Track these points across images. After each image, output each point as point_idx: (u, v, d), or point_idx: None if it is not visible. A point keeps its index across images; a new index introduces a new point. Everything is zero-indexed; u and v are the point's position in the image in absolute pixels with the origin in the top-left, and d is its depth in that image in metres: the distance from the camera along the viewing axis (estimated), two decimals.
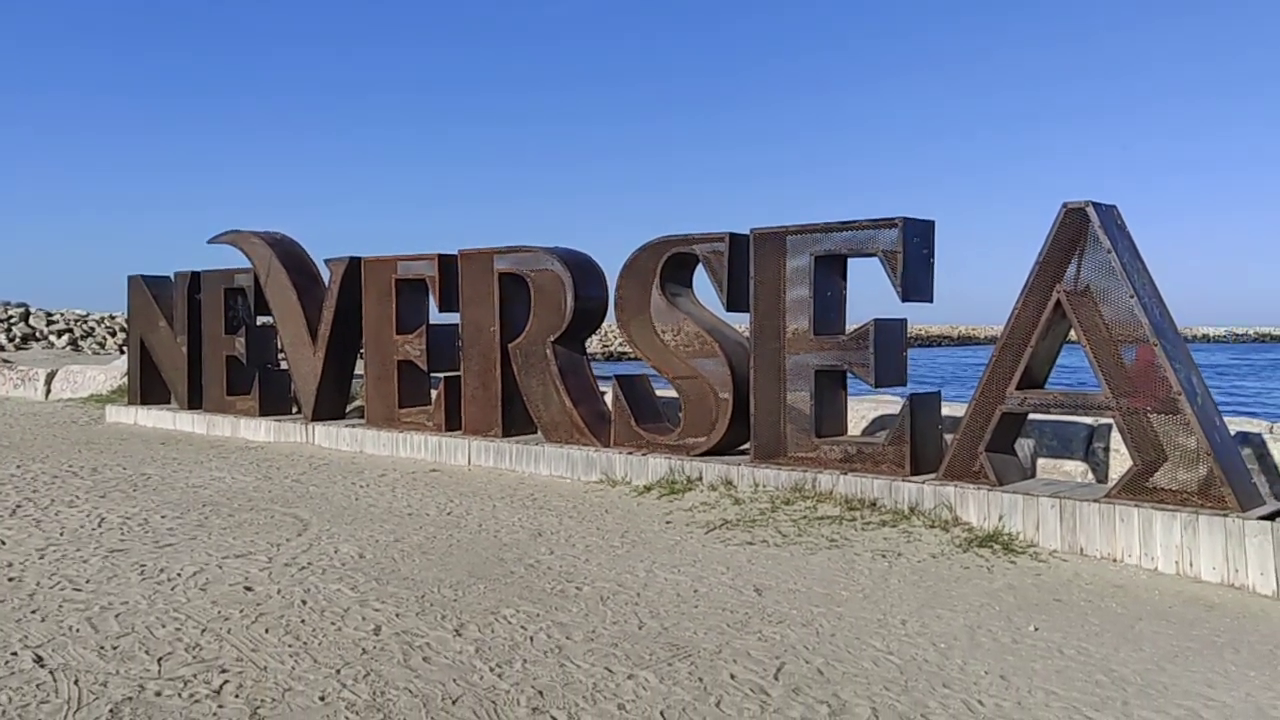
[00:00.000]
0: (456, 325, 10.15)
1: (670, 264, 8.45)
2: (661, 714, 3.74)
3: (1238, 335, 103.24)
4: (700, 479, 8.02)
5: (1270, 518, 5.61)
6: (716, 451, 8.22)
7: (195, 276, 12.81)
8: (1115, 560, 5.97)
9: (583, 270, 9.23)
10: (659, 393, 9.27)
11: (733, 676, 4.11)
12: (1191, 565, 5.71)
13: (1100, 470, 7.43)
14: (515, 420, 9.68)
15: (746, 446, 8.07)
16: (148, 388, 13.85)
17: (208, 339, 12.70)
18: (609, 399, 9.10)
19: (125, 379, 15.25)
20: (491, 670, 4.16)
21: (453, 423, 10.14)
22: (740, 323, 8.36)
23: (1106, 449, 7.45)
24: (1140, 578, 5.70)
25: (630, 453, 8.60)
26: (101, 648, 4.38)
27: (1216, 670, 4.30)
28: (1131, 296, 6.09)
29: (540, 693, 3.92)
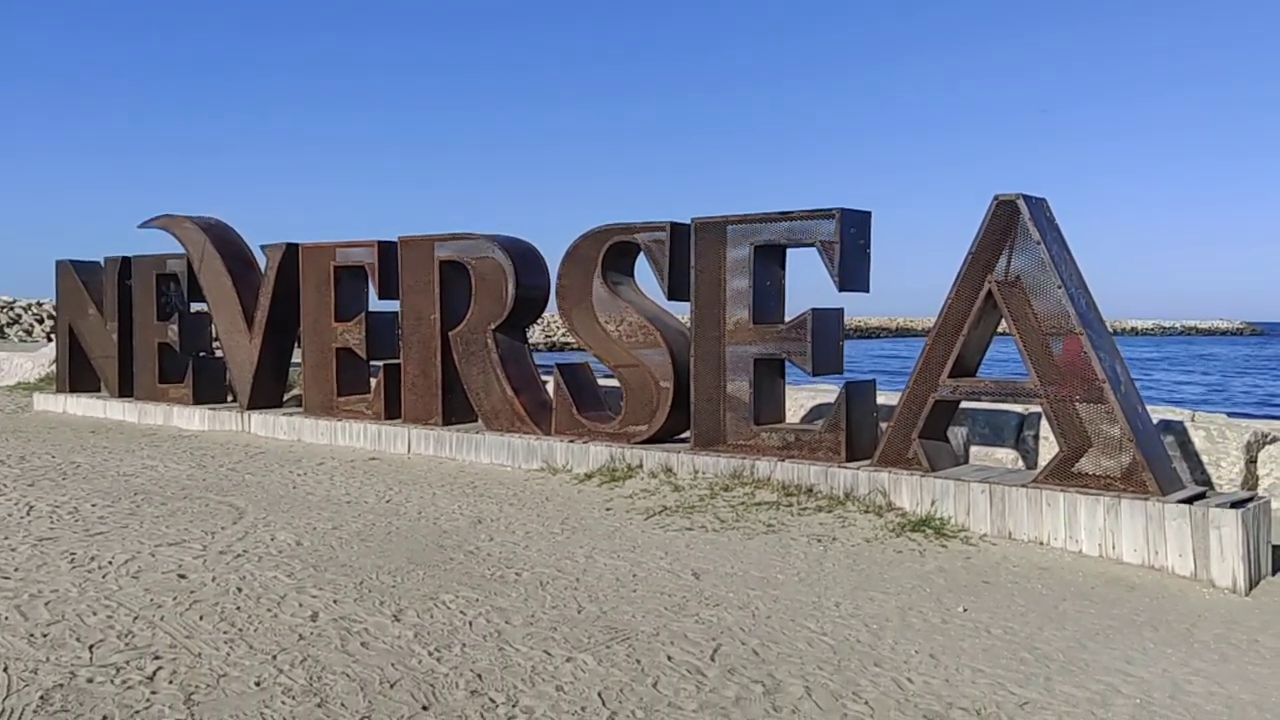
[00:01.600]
0: (396, 313, 10.08)
1: (612, 253, 8.48)
2: (599, 695, 3.78)
3: (1164, 328, 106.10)
4: (641, 466, 8.08)
5: (1189, 501, 5.81)
6: (657, 439, 8.28)
7: (126, 262, 12.54)
8: (1042, 543, 6.14)
9: (524, 258, 9.22)
10: (600, 381, 9.30)
11: (670, 658, 4.17)
12: (1114, 547, 5.90)
13: (1030, 457, 7.63)
14: (456, 408, 9.64)
15: (687, 434, 8.14)
16: (77, 375, 13.54)
17: (139, 326, 12.45)
18: (550, 387, 9.12)
19: (54, 366, 14.88)
20: (430, 654, 4.17)
21: (392, 411, 10.07)
22: (681, 311, 8.42)
23: (1036, 436, 7.65)
24: (1065, 560, 5.88)
25: (571, 440, 8.63)
26: (31, 635, 4.31)
27: (1136, 647, 4.47)
28: (1060, 287, 6.25)
29: (479, 676, 3.95)
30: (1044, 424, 7.37)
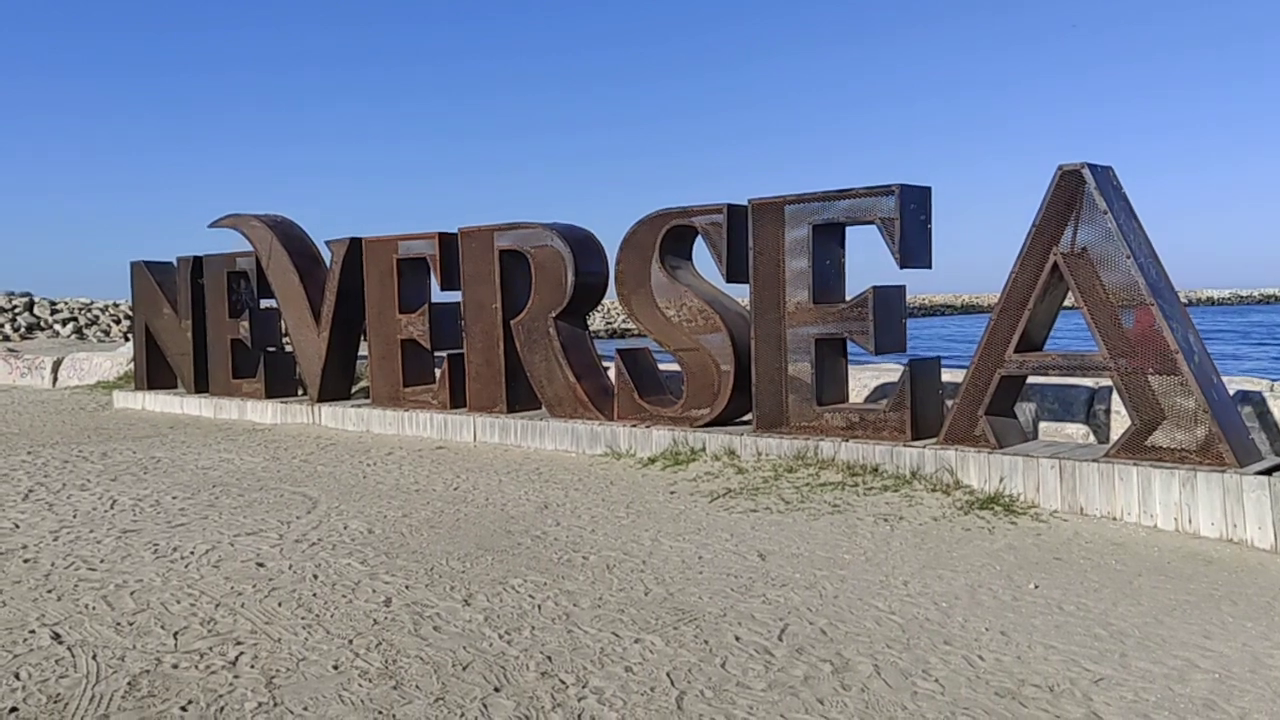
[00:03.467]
0: (458, 303, 10.20)
1: (669, 237, 8.48)
2: (668, 675, 3.82)
3: (1241, 297, 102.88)
4: (704, 449, 8.09)
5: (1268, 473, 5.67)
6: (719, 422, 8.28)
7: (197, 261, 12.86)
8: (1115, 519, 6.03)
9: (583, 246, 9.27)
10: (661, 366, 9.32)
11: (737, 638, 4.19)
12: (1190, 521, 5.77)
13: (1101, 432, 7.48)
14: (519, 396, 9.74)
15: (749, 416, 8.13)
16: (154, 373, 13.93)
17: (212, 323, 12.76)
18: (612, 373, 9.16)
19: (131, 365, 15.33)
20: (501, 637, 4.24)
21: (457, 400, 10.21)
22: (740, 293, 8.40)
23: (1108, 411, 7.50)
24: (1139, 535, 5.77)
25: (634, 425, 8.67)
26: (118, 624, 4.47)
27: (1214, 622, 4.37)
28: (1128, 257, 6.12)
29: (549, 658, 4.00)
30: (1115, 398, 7.23)
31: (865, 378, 8.99)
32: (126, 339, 26.62)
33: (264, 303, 12.39)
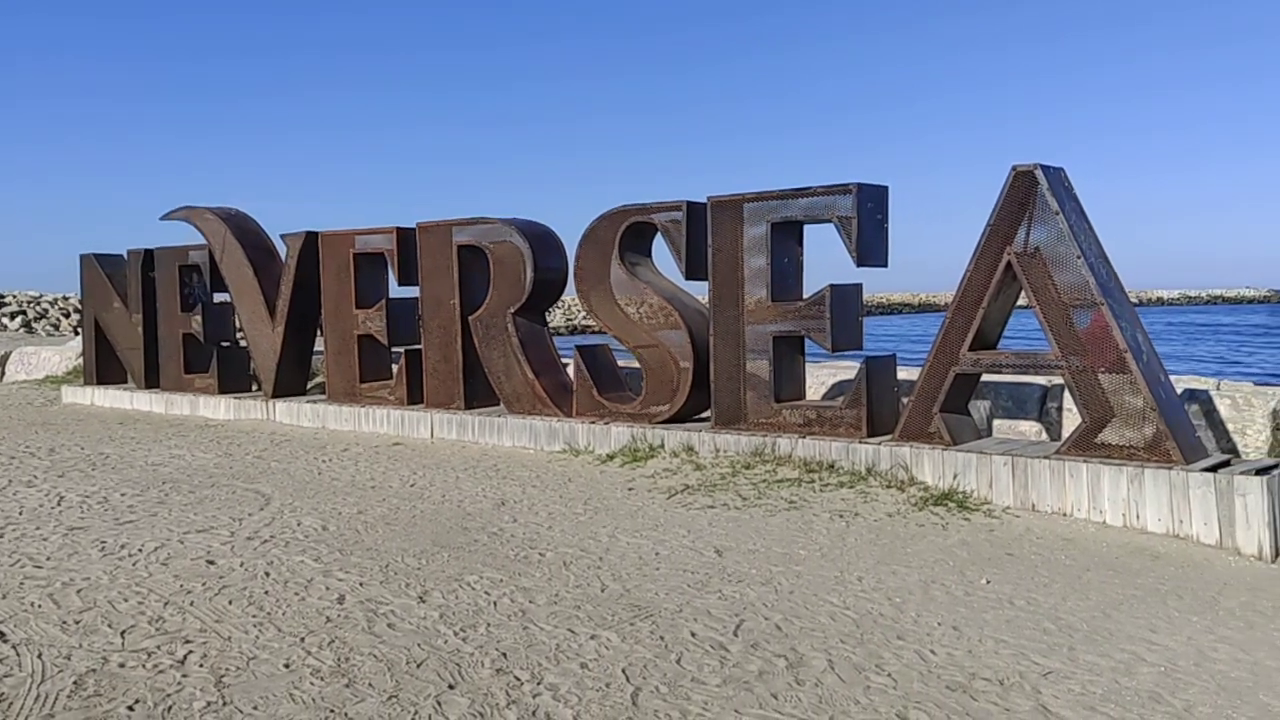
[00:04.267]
0: (416, 299, 10.12)
1: (629, 234, 8.48)
2: (623, 671, 3.82)
3: (1190, 297, 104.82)
4: (662, 446, 8.10)
5: (1214, 469, 5.78)
6: (678, 419, 8.29)
7: (149, 254, 12.64)
8: (1065, 515, 6.13)
9: (542, 241, 9.23)
10: (620, 363, 9.32)
11: (693, 634, 4.20)
12: (1138, 517, 5.88)
13: (1054, 430, 7.59)
14: (477, 393, 9.69)
15: (707, 413, 8.15)
16: (104, 368, 13.68)
17: (164, 317, 12.55)
18: (571, 370, 9.14)
19: (81, 359, 15.05)
20: (456, 634, 4.21)
21: (415, 396, 10.14)
22: (699, 291, 8.42)
23: (1060, 409, 7.61)
24: (1089, 531, 5.86)
25: (593, 422, 8.66)
26: (64, 622, 4.39)
27: (1160, 616, 4.46)
28: (1079, 257, 6.21)
29: (504, 654, 3.99)
30: (1067, 396, 7.33)
31: (822, 375, 9.05)
32: (76, 333, 26.13)
33: (217, 297, 12.22)
